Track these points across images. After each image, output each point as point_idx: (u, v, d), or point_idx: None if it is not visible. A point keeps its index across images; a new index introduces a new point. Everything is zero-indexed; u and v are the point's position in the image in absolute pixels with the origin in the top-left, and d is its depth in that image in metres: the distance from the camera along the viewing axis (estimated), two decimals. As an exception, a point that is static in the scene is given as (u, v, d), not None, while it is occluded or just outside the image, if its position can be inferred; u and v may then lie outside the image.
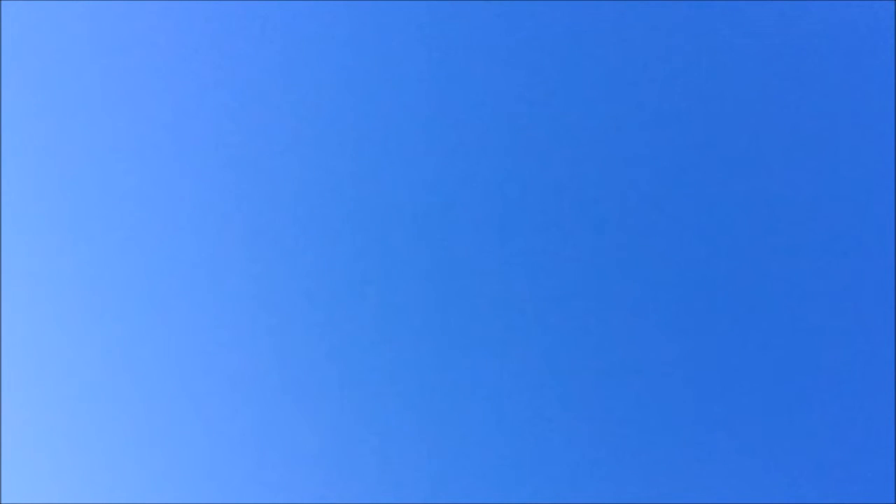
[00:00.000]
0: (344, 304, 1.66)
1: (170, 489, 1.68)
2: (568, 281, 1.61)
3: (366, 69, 1.66)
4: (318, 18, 1.67)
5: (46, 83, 1.72)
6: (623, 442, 1.59)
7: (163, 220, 1.69)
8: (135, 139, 1.70)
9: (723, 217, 1.58)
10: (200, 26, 1.69)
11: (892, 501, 1.52)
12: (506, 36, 1.63)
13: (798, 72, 1.57)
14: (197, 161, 1.69)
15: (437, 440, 1.63)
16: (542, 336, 1.61)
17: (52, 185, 1.71)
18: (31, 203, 1.72)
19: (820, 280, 1.55)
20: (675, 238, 1.59)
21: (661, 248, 1.59)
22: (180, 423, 1.69)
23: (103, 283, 1.70)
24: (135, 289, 1.70)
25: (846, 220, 1.55)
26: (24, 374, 1.71)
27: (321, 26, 1.67)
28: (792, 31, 1.57)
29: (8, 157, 1.72)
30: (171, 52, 1.69)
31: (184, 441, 1.68)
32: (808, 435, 1.55)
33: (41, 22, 1.72)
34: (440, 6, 1.64)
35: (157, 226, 1.69)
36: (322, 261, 1.66)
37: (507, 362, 1.62)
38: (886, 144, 1.54)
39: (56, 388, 1.71)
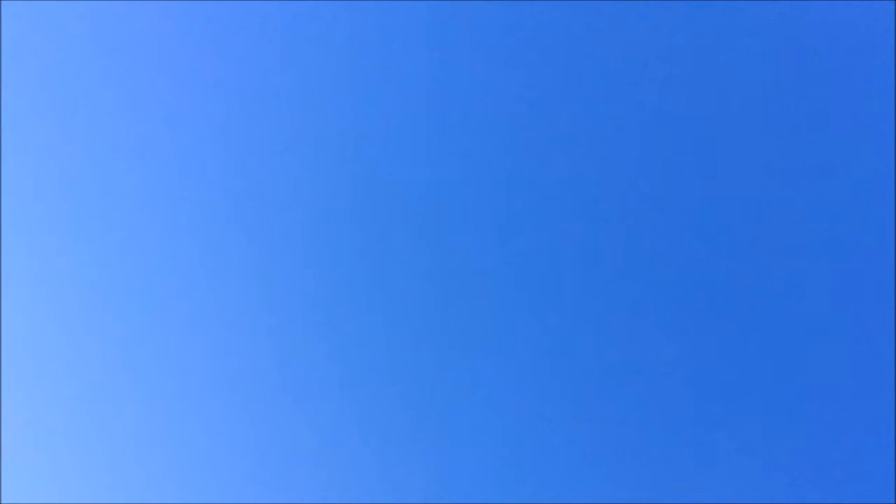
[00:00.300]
0: (344, 304, 1.66)
1: (170, 489, 1.68)
2: (568, 281, 1.61)
3: (366, 69, 1.66)
4: (318, 18, 1.67)
5: (46, 83, 1.72)
6: (623, 442, 1.59)
7: (163, 220, 1.69)
8: (135, 139, 1.70)
9: (723, 217, 1.58)
10: (200, 26, 1.69)
11: (893, 501, 1.52)
12: (506, 36, 1.63)
13: (798, 72, 1.57)
14: (197, 161, 1.69)
15: (438, 440, 1.63)
16: (542, 336, 1.61)
17: (52, 185, 1.71)
18: (31, 203, 1.72)
19: (820, 280, 1.55)
20: (675, 238, 1.59)
21: (661, 248, 1.59)
22: (180, 423, 1.69)
23: (103, 284, 1.70)
24: (135, 289, 1.70)
25: (846, 220, 1.55)
26: (24, 374, 1.71)
27: (321, 26, 1.67)
28: (792, 31, 1.57)
29: (8, 157, 1.72)
30: (171, 52, 1.69)
31: (184, 441, 1.68)
32: (808, 435, 1.55)
33: (41, 22, 1.72)
34: (440, 6, 1.64)
35: (157, 226, 1.69)
36: (322, 261, 1.66)
37: (507, 362, 1.62)
38: (886, 144, 1.54)
39: (56, 388, 1.71)
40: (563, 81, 1.62)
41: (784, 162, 1.57)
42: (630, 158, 1.60)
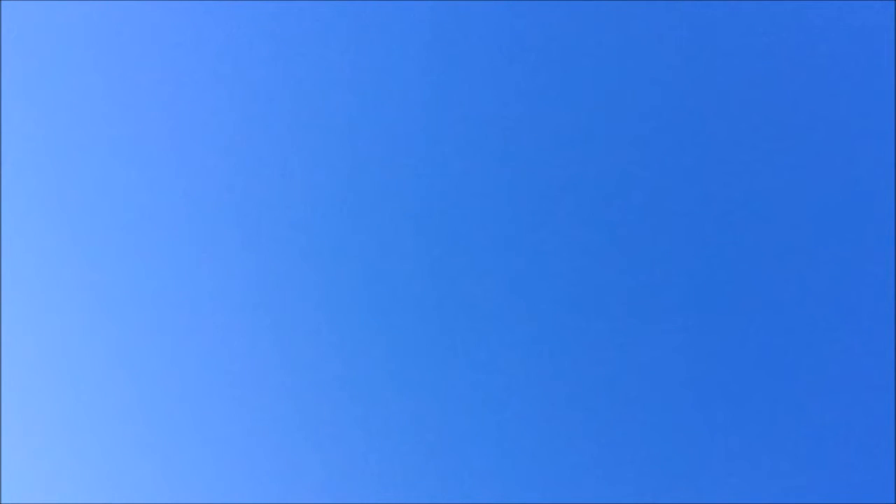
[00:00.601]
0: (344, 305, 1.66)
1: (170, 489, 1.68)
2: (568, 281, 1.61)
3: (366, 69, 1.66)
4: (318, 18, 1.67)
5: (46, 83, 1.72)
6: (623, 442, 1.59)
7: (163, 221, 1.69)
8: (135, 139, 1.70)
9: (723, 217, 1.58)
10: (200, 26, 1.69)
11: (893, 501, 1.52)
12: (506, 36, 1.63)
13: (798, 72, 1.57)
14: (197, 161, 1.69)
15: (438, 440, 1.63)
16: (543, 337, 1.61)
17: (52, 185, 1.71)
18: (31, 203, 1.72)
19: (820, 280, 1.55)
20: (675, 238, 1.59)
21: (661, 248, 1.59)
22: (180, 422, 1.68)
23: (103, 284, 1.70)
24: (135, 289, 1.70)
25: (846, 220, 1.55)
26: (24, 374, 1.71)
27: (321, 26, 1.67)
28: (792, 31, 1.57)
29: (8, 157, 1.72)
30: (171, 52, 1.69)
31: (184, 441, 1.68)
32: (808, 435, 1.55)
33: (41, 22, 1.72)
34: (440, 6, 1.64)
35: (158, 226, 1.69)
36: (322, 261, 1.66)
37: (508, 363, 1.62)
38: (886, 144, 1.54)
39: (56, 388, 1.71)
40: (563, 82, 1.62)
41: (784, 162, 1.57)
42: (630, 159, 1.60)
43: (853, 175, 1.55)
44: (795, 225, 1.56)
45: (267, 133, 1.68)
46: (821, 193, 1.56)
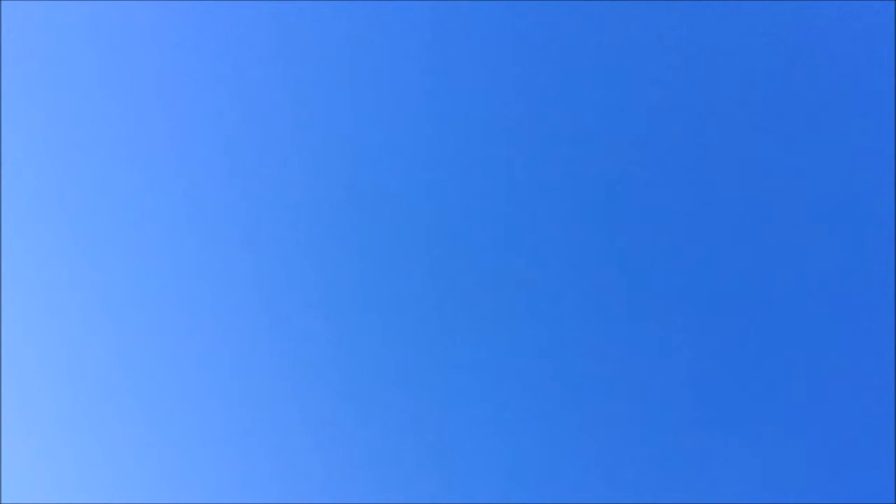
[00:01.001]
0: (344, 305, 1.66)
1: (170, 489, 1.68)
2: (568, 281, 1.61)
3: (366, 69, 1.66)
4: (318, 18, 1.67)
5: (46, 83, 1.72)
6: (623, 442, 1.59)
7: (163, 221, 1.69)
8: (135, 139, 1.70)
9: (723, 217, 1.58)
10: (200, 26, 1.69)
11: (893, 502, 1.52)
12: (506, 36, 1.63)
13: (798, 72, 1.57)
14: (197, 161, 1.69)
15: (438, 440, 1.63)
16: (543, 337, 1.61)
17: (52, 185, 1.71)
18: (31, 203, 1.72)
19: (820, 280, 1.55)
20: (675, 238, 1.59)
21: (661, 248, 1.59)
22: (180, 423, 1.68)
23: (104, 284, 1.70)
24: (135, 289, 1.70)
25: (846, 220, 1.55)
26: (24, 374, 1.71)
27: (321, 26, 1.67)
28: (792, 31, 1.57)
29: (8, 157, 1.72)
30: (172, 52, 1.69)
31: (184, 441, 1.68)
32: (808, 435, 1.55)
33: (41, 22, 1.72)
34: (440, 6, 1.64)
35: (158, 226, 1.69)
36: (322, 261, 1.66)
37: (508, 363, 1.62)
38: (886, 144, 1.54)
39: (56, 388, 1.71)
40: (563, 82, 1.62)
41: (784, 162, 1.57)
42: (630, 159, 1.60)
43: (853, 175, 1.55)
44: (795, 225, 1.56)
45: (267, 133, 1.68)
46: (821, 193, 1.56)
